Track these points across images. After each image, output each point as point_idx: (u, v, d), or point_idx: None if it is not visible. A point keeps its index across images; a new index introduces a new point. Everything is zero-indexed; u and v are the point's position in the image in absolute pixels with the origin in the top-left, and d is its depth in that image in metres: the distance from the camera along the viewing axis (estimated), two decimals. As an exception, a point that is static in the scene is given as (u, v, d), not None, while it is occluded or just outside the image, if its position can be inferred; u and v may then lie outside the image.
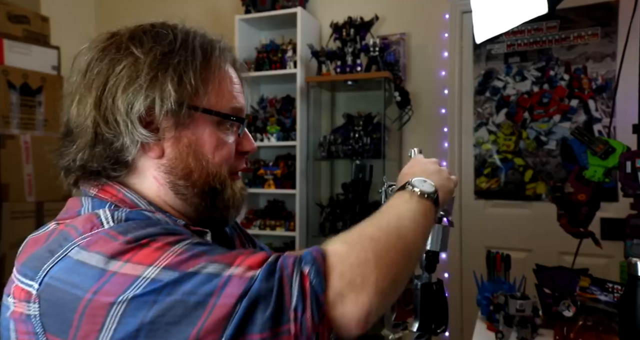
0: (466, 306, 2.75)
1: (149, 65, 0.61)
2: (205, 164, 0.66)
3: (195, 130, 0.65)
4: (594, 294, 1.25)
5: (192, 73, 0.63)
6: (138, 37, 0.64)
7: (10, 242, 2.12)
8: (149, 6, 3.55)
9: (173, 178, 0.65)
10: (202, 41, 0.67)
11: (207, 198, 0.67)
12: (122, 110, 0.61)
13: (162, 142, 0.64)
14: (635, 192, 1.22)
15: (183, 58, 0.63)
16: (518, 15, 1.35)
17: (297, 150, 2.87)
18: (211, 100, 0.65)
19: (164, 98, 0.61)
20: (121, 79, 0.61)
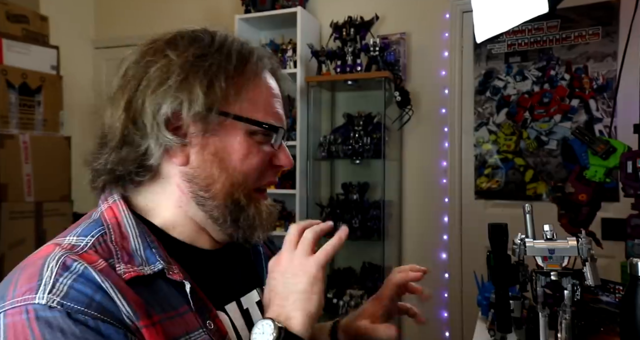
0: (466, 306, 2.75)
1: (180, 66, 0.60)
2: (231, 172, 0.62)
3: (224, 137, 0.62)
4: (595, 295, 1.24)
5: (224, 77, 0.61)
6: (175, 40, 0.63)
7: (9, 242, 2.11)
8: (148, 6, 3.55)
9: (195, 187, 0.63)
10: (239, 47, 0.64)
11: (229, 213, 0.64)
12: (149, 112, 0.59)
13: (188, 148, 0.61)
14: (636, 192, 1.21)
15: (216, 61, 0.61)
16: (518, 15, 1.35)
17: (297, 150, 2.86)
18: (244, 107, 0.63)
19: (192, 101, 0.59)
20: (152, 81, 0.60)
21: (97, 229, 0.60)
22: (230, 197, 0.63)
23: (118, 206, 0.62)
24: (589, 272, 0.89)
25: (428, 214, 2.90)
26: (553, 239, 0.93)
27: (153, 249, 0.60)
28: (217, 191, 0.62)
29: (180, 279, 0.59)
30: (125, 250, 0.58)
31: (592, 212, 1.37)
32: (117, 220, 0.61)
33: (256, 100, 0.64)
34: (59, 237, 0.60)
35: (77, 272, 0.53)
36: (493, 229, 1.00)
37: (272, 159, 0.67)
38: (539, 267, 0.93)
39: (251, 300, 0.71)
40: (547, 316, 0.95)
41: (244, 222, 0.65)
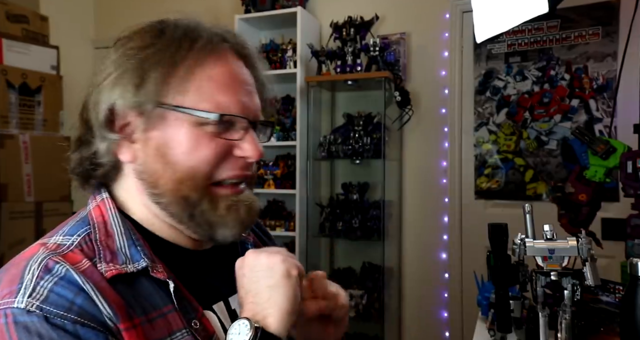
0: (466, 306, 2.75)
1: (116, 62, 0.60)
2: (175, 167, 0.59)
3: (166, 130, 0.59)
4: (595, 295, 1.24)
5: (159, 67, 0.58)
6: (124, 37, 0.63)
7: (9, 242, 2.11)
8: (148, 6, 3.55)
9: (146, 185, 0.61)
10: (181, 34, 0.61)
11: (182, 210, 0.61)
12: (92, 111, 0.60)
13: (135, 144, 0.60)
14: (636, 192, 1.21)
15: (152, 52, 0.59)
16: (518, 15, 1.35)
17: (297, 150, 2.86)
18: (188, 97, 0.59)
19: (125, 96, 0.58)
20: (96, 80, 0.61)
21: (84, 228, 0.60)
22: (179, 193, 0.60)
23: (105, 204, 0.62)
24: (589, 272, 0.89)
25: (428, 214, 2.90)
26: (553, 239, 0.93)
27: (138, 246, 0.59)
28: (164, 188, 0.60)
29: (164, 278, 0.58)
30: (109, 248, 0.58)
31: (592, 212, 1.37)
32: (103, 219, 0.61)
33: (202, 89, 0.60)
34: (46, 237, 0.60)
35: (58, 274, 0.53)
36: (493, 229, 1.00)
37: (233, 150, 0.62)
38: (539, 267, 0.93)
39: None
40: (547, 316, 0.94)
41: (200, 219, 0.61)
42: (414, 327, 2.92)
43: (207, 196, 0.61)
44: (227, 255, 0.70)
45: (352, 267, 2.95)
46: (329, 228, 2.87)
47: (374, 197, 2.90)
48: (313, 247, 2.96)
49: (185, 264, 0.64)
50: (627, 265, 0.89)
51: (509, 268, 0.97)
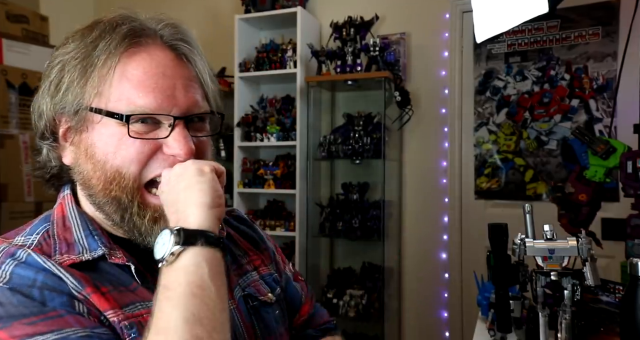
0: (466, 306, 2.75)
1: (45, 70, 0.63)
2: (102, 168, 0.59)
3: (93, 131, 0.61)
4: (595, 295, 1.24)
5: (76, 72, 0.60)
6: (62, 42, 0.65)
7: (9, 242, 2.11)
8: (148, 6, 3.54)
9: (82, 186, 0.64)
10: (102, 32, 0.60)
11: (114, 211, 0.61)
12: (34, 121, 0.65)
13: (70, 148, 0.64)
14: (636, 192, 1.21)
15: (71, 56, 0.60)
16: (518, 15, 1.35)
17: (297, 150, 2.86)
18: (104, 98, 0.59)
19: (49, 102, 0.61)
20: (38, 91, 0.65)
21: (43, 226, 0.62)
22: (110, 193, 0.60)
23: (66, 200, 0.65)
24: (589, 272, 0.89)
25: (428, 214, 2.90)
26: (553, 239, 0.93)
27: (95, 236, 0.61)
28: (95, 188, 0.61)
29: (124, 262, 0.60)
30: (66, 241, 0.60)
31: (592, 212, 1.37)
32: (63, 214, 0.64)
33: (119, 88, 0.59)
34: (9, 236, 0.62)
35: (19, 258, 0.56)
36: (493, 229, 1.00)
37: (163, 147, 0.61)
38: (539, 267, 0.93)
39: None
40: (547, 316, 0.94)
41: (130, 224, 0.61)
42: (414, 327, 2.92)
43: (136, 199, 0.60)
44: None
45: (352, 267, 2.95)
46: (329, 228, 2.86)
47: (374, 197, 2.90)
48: (313, 247, 2.96)
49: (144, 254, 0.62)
50: (627, 265, 0.89)
51: (509, 268, 0.97)
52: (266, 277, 0.77)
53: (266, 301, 0.73)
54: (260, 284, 0.75)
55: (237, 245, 0.78)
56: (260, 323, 0.71)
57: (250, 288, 0.73)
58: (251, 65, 3.00)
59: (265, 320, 0.72)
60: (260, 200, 3.22)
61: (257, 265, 0.77)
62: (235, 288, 0.71)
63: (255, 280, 0.75)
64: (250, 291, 0.72)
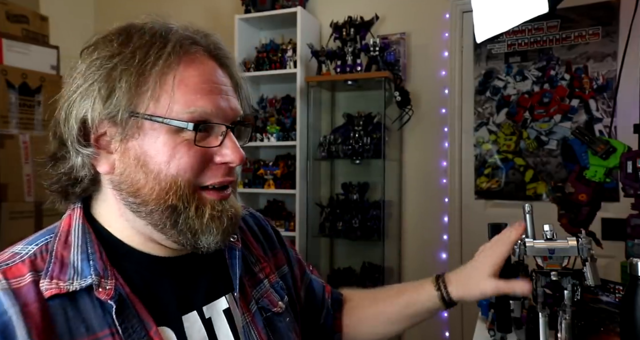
0: (466, 306, 2.75)
1: (83, 75, 0.58)
2: (157, 177, 0.58)
3: (144, 139, 0.58)
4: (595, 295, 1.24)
5: (128, 76, 0.56)
6: (94, 45, 0.61)
7: (9, 242, 2.11)
8: (148, 6, 3.55)
9: (125, 195, 0.59)
10: (150, 39, 0.59)
11: (165, 218, 0.59)
12: (64, 126, 0.59)
13: (113, 155, 0.59)
14: (636, 192, 1.21)
15: (119, 61, 0.57)
16: (518, 15, 1.35)
17: (297, 150, 2.86)
18: (160, 105, 0.57)
19: (95, 108, 0.57)
20: (65, 94, 0.60)
21: (45, 238, 0.60)
22: (164, 201, 0.58)
23: (75, 213, 0.62)
24: (589, 272, 0.89)
25: (428, 214, 2.90)
26: (553, 239, 0.93)
27: (91, 260, 0.58)
28: (146, 196, 0.58)
29: (106, 299, 0.55)
30: (62, 260, 0.57)
31: (592, 212, 1.37)
32: (68, 228, 0.61)
33: (175, 96, 0.58)
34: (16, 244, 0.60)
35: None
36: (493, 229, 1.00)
37: (214, 156, 0.61)
38: (539, 267, 0.93)
39: (217, 309, 0.66)
40: (547, 316, 0.94)
41: (183, 226, 0.59)
42: (414, 327, 2.92)
43: (194, 202, 0.60)
44: (209, 261, 0.68)
45: (352, 267, 2.95)
46: (329, 228, 2.86)
47: (374, 197, 2.90)
48: (313, 247, 2.96)
49: (155, 272, 0.62)
50: (627, 265, 0.89)
51: (509, 268, 0.97)
52: (275, 285, 0.76)
53: (278, 311, 0.73)
54: (272, 293, 0.75)
55: (250, 251, 0.77)
56: (276, 334, 0.71)
57: (263, 300, 0.72)
58: (251, 65, 3.00)
59: (280, 330, 0.72)
60: (260, 200, 3.22)
61: (267, 273, 0.77)
62: (250, 302, 0.70)
63: (267, 290, 0.74)
64: (264, 304, 0.72)
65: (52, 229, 0.62)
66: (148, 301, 0.59)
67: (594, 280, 0.88)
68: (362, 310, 0.91)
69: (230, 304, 0.67)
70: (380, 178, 2.76)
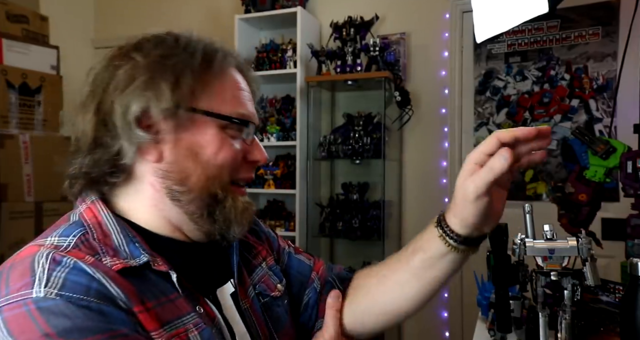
0: (466, 306, 2.75)
1: (146, 67, 0.61)
2: (205, 166, 0.64)
3: (196, 132, 0.64)
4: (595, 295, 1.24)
5: (190, 74, 0.62)
6: (140, 44, 0.65)
7: (9, 243, 2.11)
8: (148, 6, 3.55)
9: (170, 183, 0.63)
10: (204, 46, 0.66)
11: (204, 207, 0.64)
12: (119, 112, 0.60)
13: (161, 144, 0.63)
14: (636, 192, 1.21)
15: (182, 59, 0.63)
16: (519, 15, 1.35)
17: (297, 150, 2.86)
18: (213, 102, 0.64)
19: (160, 98, 0.60)
20: (119, 82, 0.61)
21: (79, 229, 0.60)
22: (207, 190, 0.64)
23: (97, 206, 0.63)
24: (589, 272, 0.89)
25: (428, 214, 2.87)
26: (553, 239, 0.93)
27: (136, 243, 0.61)
28: (193, 185, 0.63)
29: (166, 270, 0.60)
30: (109, 246, 0.59)
31: (592, 212, 1.37)
32: (97, 220, 0.62)
33: (224, 96, 0.66)
34: (39, 239, 0.60)
35: (68, 265, 0.54)
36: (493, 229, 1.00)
37: (246, 155, 0.68)
38: (539, 267, 0.93)
39: (225, 293, 0.70)
40: (547, 316, 0.94)
41: (220, 216, 0.65)
42: (414, 327, 2.92)
43: (230, 194, 0.66)
44: (215, 249, 0.71)
45: (352, 267, 2.95)
46: (329, 228, 2.87)
47: (374, 197, 2.90)
48: (313, 247, 2.96)
49: (182, 256, 0.67)
50: (627, 265, 0.89)
51: (509, 268, 0.97)
52: (273, 268, 0.80)
53: (276, 295, 0.76)
54: (270, 276, 0.78)
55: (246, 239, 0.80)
56: (273, 319, 0.74)
57: (261, 285, 0.76)
58: (251, 65, 3.00)
59: (277, 314, 0.75)
60: (260, 200, 3.22)
61: (264, 257, 0.80)
62: (248, 288, 0.73)
63: (264, 274, 0.77)
64: (261, 289, 0.75)
65: (77, 222, 0.62)
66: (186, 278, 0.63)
67: (594, 280, 0.88)
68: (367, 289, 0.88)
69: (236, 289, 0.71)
70: (380, 178, 2.76)
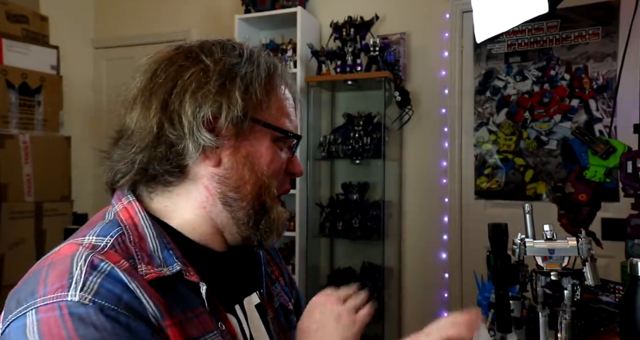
0: (466, 306, 2.74)
1: (219, 72, 0.62)
2: (260, 176, 0.65)
3: (254, 142, 0.65)
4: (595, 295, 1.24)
5: (257, 85, 0.64)
6: (207, 47, 0.65)
7: (9, 243, 2.11)
8: (148, 6, 3.55)
9: (225, 188, 0.64)
10: (266, 58, 0.68)
11: (253, 215, 0.66)
12: (189, 113, 0.61)
13: (221, 150, 0.63)
14: (636, 192, 1.21)
15: (250, 70, 0.64)
16: (518, 15, 1.35)
17: (297, 150, 2.86)
18: (272, 115, 0.66)
19: (231, 105, 0.61)
20: (189, 84, 0.61)
21: (116, 230, 0.60)
22: (259, 199, 0.65)
23: (133, 207, 0.63)
24: (589, 272, 0.89)
25: (428, 214, 2.90)
26: (553, 239, 0.93)
27: (170, 250, 0.61)
28: (247, 192, 0.65)
29: (197, 281, 0.60)
30: (144, 251, 0.60)
31: (592, 212, 1.37)
32: (133, 221, 0.62)
33: (281, 109, 0.68)
34: (77, 237, 0.60)
35: (104, 271, 0.54)
36: (493, 229, 1.00)
37: (287, 167, 0.70)
38: (539, 267, 0.93)
39: (251, 303, 0.71)
40: (547, 316, 0.94)
41: (264, 225, 0.67)
42: (414, 327, 2.91)
43: (277, 205, 0.68)
44: (243, 256, 0.73)
45: (352, 267, 2.95)
46: (329, 228, 2.86)
47: (374, 197, 2.90)
48: (313, 247, 2.96)
49: (211, 265, 0.66)
50: (627, 265, 0.89)
51: (509, 268, 0.97)
52: (284, 287, 0.82)
53: (291, 310, 0.79)
54: (283, 294, 0.80)
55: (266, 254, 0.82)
56: (292, 330, 0.76)
57: (279, 298, 0.78)
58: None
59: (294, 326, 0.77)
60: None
61: (277, 276, 0.82)
62: (273, 299, 0.76)
63: (280, 290, 0.80)
64: (282, 301, 0.78)
65: (114, 221, 0.62)
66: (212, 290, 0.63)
67: (594, 280, 0.88)
68: None
69: (261, 300, 0.72)
70: (380, 178, 2.76)
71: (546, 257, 0.92)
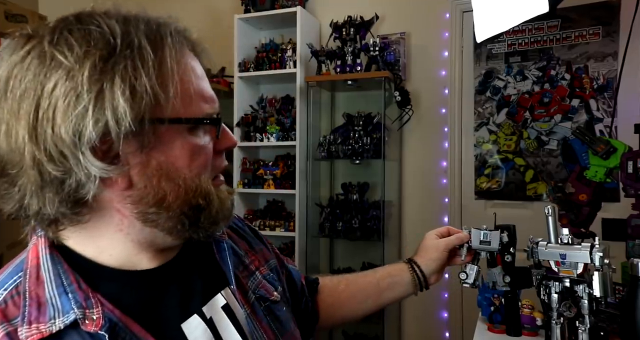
0: (466, 307, 2.74)
1: (89, 78, 0.47)
2: (182, 183, 0.55)
3: (163, 147, 0.53)
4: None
5: (146, 77, 0.49)
6: (63, 38, 0.49)
7: (9, 243, 2.11)
8: (148, 6, 3.53)
9: (142, 207, 0.54)
10: (147, 30, 0.52)
11: (186, 219, 0.56)
12: (68, 141, 0.47)
13: (128, 170, 0.52)
14: (636, 193, 1.21)
15: (130, 59, 0.49)
16: (518, 15, 1.34)
17: (297, 150, 2.86)
18: (176, 105, 0.53)
19: (119, 118, 0.48)
20: (56, 101, 0.47)
21: (14, 278, 0.54)
22: (188, 204, 0.55)
23: (39, 243, 0.55)
24: (597, 281, 0.86)
25: (428, 214, 2.90)
26: (569, 243, 0.90)
27: (69, 293, 0.52)
28: (171, 203, 0.54)
29: (96, 331, 0.51)
30: (38, 300, 0.52)
31: (593, 213, 1.36)
32: (37, 262, 0.54)
33: (187, 93, 0.54)
34: None
35: None
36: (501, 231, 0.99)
37: (215, 146, 0.60)
38: (552, 271, 0.91)
39: (215, 307, 0.63)
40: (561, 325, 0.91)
41: (205, 221, 0.57)
42: (414, 327, 2.92)
43: (215, 195, 0.58)
44: (198, 261, 0.66)
45: (352, 267, 2.95)
46: (329, 228, 2.86)
47: (374, 197, 2.90)
48: (313, 247, 2.95)
49: (141, 289, 0.58)
50: (627, 265, 0.89)
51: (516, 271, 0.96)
52: (267, 276, 0.76)
53: (275, 300, 0.72)
54: (265, 284, 0.74)
55: (238, 246, 0.76)
56: (277, 323, 0.70)
57: (260, 290, 0.71)
58: (251, 65, 3.00)
59: (280, 318, 0.71)
60: (259, 201, 3.22)
61: (257, 266, 0.76)
62: (247, 293, 0.69)
63: (260, 281, 0.73)
64: (261, 293, 0.71)
65: (20, 264, 0.55)
66: (144, 319, 0.55)
67: (600, 290, 0.85)
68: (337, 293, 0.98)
69: (228, 299, 0.65)
70: (380, 178, 2.76)
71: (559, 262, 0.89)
